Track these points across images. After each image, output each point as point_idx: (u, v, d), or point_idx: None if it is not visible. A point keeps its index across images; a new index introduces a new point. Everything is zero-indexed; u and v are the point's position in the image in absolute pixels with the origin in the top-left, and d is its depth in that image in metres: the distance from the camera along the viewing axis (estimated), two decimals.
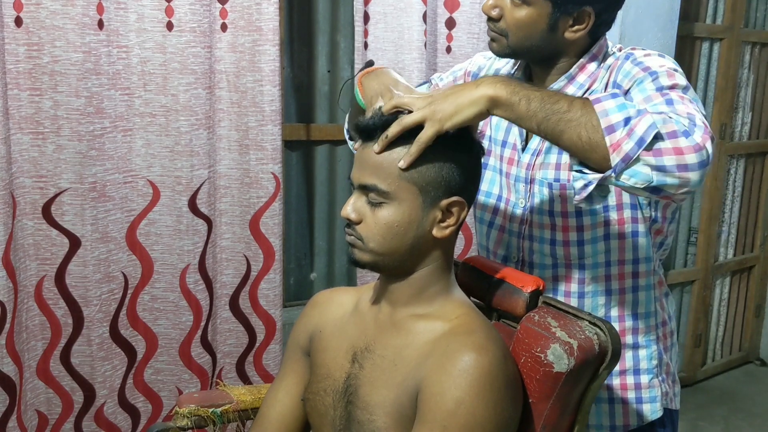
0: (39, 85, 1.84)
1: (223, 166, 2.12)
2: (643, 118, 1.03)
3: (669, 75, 1.21)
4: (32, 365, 1.98)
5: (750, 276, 3.76)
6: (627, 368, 1.42)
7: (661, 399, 1.44)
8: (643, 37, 2.58)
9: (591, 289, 1.40)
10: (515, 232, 1.44)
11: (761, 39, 3.42)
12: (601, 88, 1.33)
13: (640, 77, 1.23)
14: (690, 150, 1.03)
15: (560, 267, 1.40)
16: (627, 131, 1.02)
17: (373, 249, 1.13)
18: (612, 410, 1.43)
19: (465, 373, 1.03)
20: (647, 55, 1.29)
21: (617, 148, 1.03)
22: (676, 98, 1.14)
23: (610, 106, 1.05)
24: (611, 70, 1.33)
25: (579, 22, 1.30)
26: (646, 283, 1.41)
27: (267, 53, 2.08)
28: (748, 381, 3.63)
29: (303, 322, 1.32)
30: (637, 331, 1.42)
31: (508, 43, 1.33)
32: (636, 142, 1.02)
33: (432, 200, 1.12)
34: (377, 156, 1.11)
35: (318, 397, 1.22)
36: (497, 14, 1.32)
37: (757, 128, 3.56)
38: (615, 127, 1.03)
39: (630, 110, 1.04)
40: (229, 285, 2.21)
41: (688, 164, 1.03)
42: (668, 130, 1.03)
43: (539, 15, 1.29)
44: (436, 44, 2.31)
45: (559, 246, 1.39)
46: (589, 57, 1.35)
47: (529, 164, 1.39)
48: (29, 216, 1.90)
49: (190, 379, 2.20)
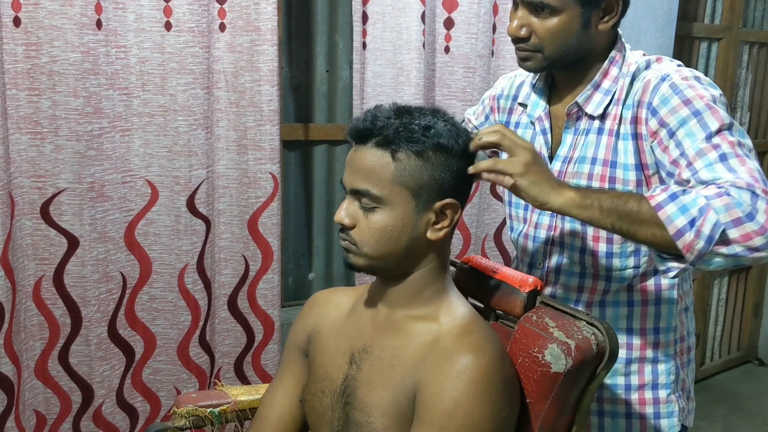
0: (37, 85, 1.84)
1: (221, 166, 2.12)
2: (707, 218, 1.07)
3: (712, 111, 1.20)
4: (30, 365, 1.98)
5: (748, 276, 3.76)
6: (646, 383, 1.41)
7: (678, 414, 1.43)
8: (642, 36, 2.58)
9: (612, 299, 1.40)
10: (541, 239, 1.43)
11: (759, 39, 3.42)
12: (633, 104, 1.30)
13: (683, 115, 1.21)
14: (756, 234, 1.07)
15: (587, 277, 1.40)
16: (695, 233, 1.08)
17: (368, 253, 1.13)
18: (629, 425, 1.42)
19: (462, 373, 1.04)
20: (685, 79, 1.26)
21: (690, 249, 1.09)
22: (729, 151, 1.15)
23: (672, 211, 1.10)
24: (645, 88, 1.29)
25: (609, 11, 1.30)
26: (668, 296, 1.40)
27: (265, 53, 2.08)
28: (747, 380, 3.64)
29: (301, 322, 1.32)
30: (657, 345, 1.40)
31: (545, 56, 1.31)
32: (706, 241, 1.08)
33: (425, 203, 1.11)
34: (369, 160, 1.10)
35: (316, 398, 1.22)
36: (526, 33, 1.30)
37: (755, 128, 3.57)
38: (682, 231, 1.09)
39: (692, 210, 1.09)
40: (228, 285, 2.21)
41: (758, 246, 1.08)
42: (733, 218, 1.07)
43: (571, 18, 1.27)
44: (434, 44, 2.31)
45: (588, 255, 1.38)
46: (611, 61, 1.34)
47: (560, 171, 1.38)
48: (27, 216, 1.90)
49: (188, 379, 2.20)
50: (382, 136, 1.10)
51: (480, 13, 2.30)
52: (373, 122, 1.11)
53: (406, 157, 1.09)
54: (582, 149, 1.36)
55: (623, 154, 1.31)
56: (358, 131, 1.12)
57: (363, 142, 1.12)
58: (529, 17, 1.29)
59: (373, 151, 1.10)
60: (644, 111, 1.28)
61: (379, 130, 1.10)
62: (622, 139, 1.32)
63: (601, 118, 1.35)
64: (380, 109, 1.14)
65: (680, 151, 1.20)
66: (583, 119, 1.37)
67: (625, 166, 1.31)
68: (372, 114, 1.12)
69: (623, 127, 1.32)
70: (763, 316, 3.82)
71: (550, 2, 1.26)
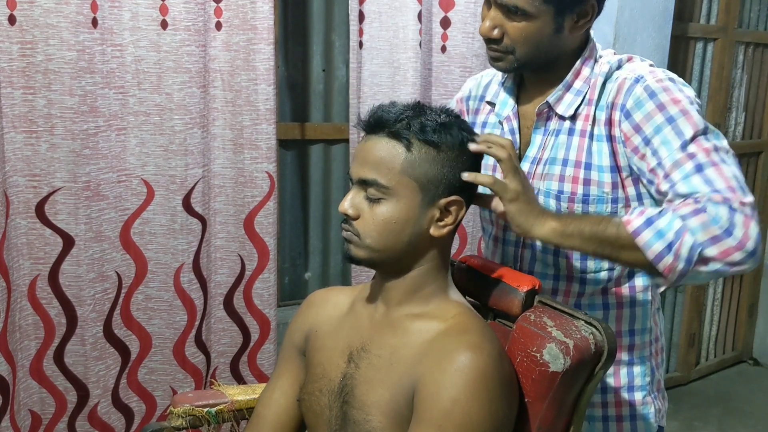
0: (32, 84, 1.83)
1: (217, 165, 2.12)
2: (683, 241, 1.11)
3: (686, 117, 1.20)
4: (25, 365, 1.97)
5: (743, 276, 3.77)
6: (622, 385, 1.40)
7: (655, 416, 1.42)
8: (638, 37, 2.59)
9: (588, 302, 1.39)
10: (512, 241, 1.42)
11: (755, 39, 3.43)
12: (606, 105, 1.30)
13: (658, 122, 1.21)
14: (735, 249, 1.10)
15: (561, 279, 1.39)
16: (673, 256, 1.12)
17: (369, 245, 1.12)
18: (606, 428, 1.42)
19: (461, 372, 1.03)
20: (659, 81, 1.25)
21: (671, 271, 1.13)
22: (705, 161, 1.17)
23: (649, 237, 1.13)
24: (619, 89, 1.28)
25: (583, 16, 1.29)
26: (643, 298, 1.39)
27: (262, 52, 2.07)
28: (742, 380, 3.65)
29: (298, 321, 1.32)
30: (633, 348, 1.40)
31: (516, 58, 1.30)
32: (685, 262, 1.12)
33: (431, 198, 1.12)
34: (380, 149, 1.11)
35: (314, 397, 1.21)
36: (498, 34, 1.29)
37: (750, 128, 3.57)
38: (661, 255, 1.13)
39: (668, 235, 1.13)
40: (224, 284, 2.20)
41: (737, 261, 1.11)
42: (711, 236, 1.11)
43: (544, 23, 1.26)
44: (431, 43, 2.31)
45: (561, 257, 1.37)
46: (582, 61, 1.34)
47: (529, 173, 1.36)
48: (22, 215, 1.89)
49: (184, 378, 2.19)
50: (398, 125, 1.11)
51: (476, 12, 2.30)
52: (390, 112, 1.12)
53: (418, 148, 1.10)
54: (552, 150, 1.35)
55: (598, 156, 1.30)
56: (375, 119, 1.13)
57: (376, 132, 1.12)
58: (503, 19, 1.27)
59: (386, 141, 1.11)
60: (618, 113, 1.28)
61: (395, 120, 1.11)
62: (596, 141, 1.31)
63: (572, 119, 1.33)
64: (395, 103, 1.16)
65: (657, 161, 1.21)
66: (554, 119, 1.35)
67: (600, 168, 1.30)
68: (388, 105, 1.14)
69: (597, 129, 1.31)
70: (757, 317, 3.83)
71: (525, 8, 1.24)
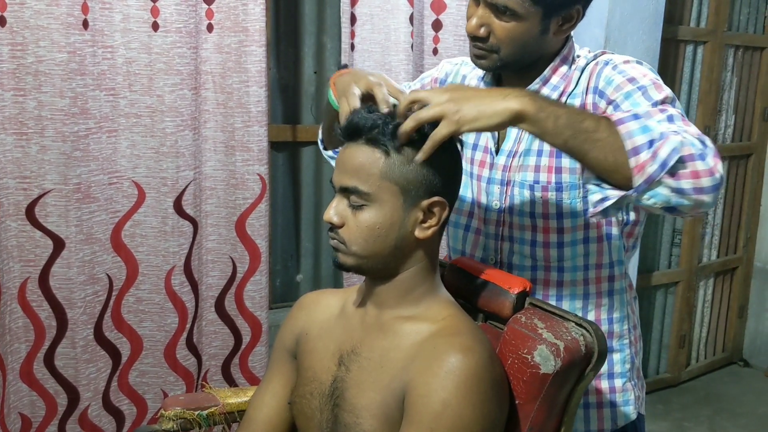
0: (23, 86, 1.82)
1: (208, 168, 2.11)
2: (666, 141, 1.04)
3: (657, 87, 1.22)
4: (15, 368, 1.96)
5: (733, 277, 3.79)
6: (602, 373, 1.41)
7: (634, 402, 1.44)
8: (629, 39, 2.60)
9: (569, 293, 1.40)
10: (492, 234, 1.43)
11: (744, 42, 3.45)
12: (580, 92, 1.33)
13: (627, 90, 1.23)
14: (705, 173, 1.04)
15: (539, 270, 1.40)
16: (651, 154, 1.04)
17: (356, 252, 1.13)
18: (587, 415, 1.43)
19: (451, 374, 1.04)
20: (626, 62, 1.29)
21: (641, 170, 1.04)
22: (675, 114, 1.15)
23: (634, 128, 1.06)
24: (591, 75, 1.32)
25: (569, 20, 1.31)
26: (619, 286, 1.42)
27: (253, 54, 2.07)
28: (732, 381, 3.66)
29: (289, 324, 1.32)
30: (612, 335, 1.42)
31: (500, 57, 1.31)
32: (660, 164, 1.03)
33: (413, 200, 1.12)
34: (359, 157, 1.11)
35: (304, 400, 1.21)
36: (485, 33, 1.29)
37: (740, 131, 3.59)
38: (639, 149, 1.05)
39: (653, 132, 1.05)
40: (215, 287, 2.20)
41: (704, 187, 1.05)
42: (686, 153, 1.05)
43: (532, 24, 1.27)
44: (422, 46, 2.31)
45: (539, 247, 1.38)
46: (561, 59, 1.35)
47: (505, 166, 1.38)
48: (13, 217, 1.88)
49: (175, 381, 2.19)
50: (374, 132, 1.10)
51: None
52: (366, 119, 1.11)
53: (395, 152, 1.10)
54: (527, 142, 1.36)
55: None
56: (351, 127, 1.13)
57: (354, 139, 1.12)
58: (491, 17, 1.28)
59: (364, 148, 1.11)
60: (591, 96, 1.30)
61: (371, 126, 1.10)
62: None
63: None
64: (372, 107, 1.16)
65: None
66: None
67: None
68: (365, 112, 1.13)
69: None
70: (748, 318, 3.84)
71: (515, 8, 1.25)
